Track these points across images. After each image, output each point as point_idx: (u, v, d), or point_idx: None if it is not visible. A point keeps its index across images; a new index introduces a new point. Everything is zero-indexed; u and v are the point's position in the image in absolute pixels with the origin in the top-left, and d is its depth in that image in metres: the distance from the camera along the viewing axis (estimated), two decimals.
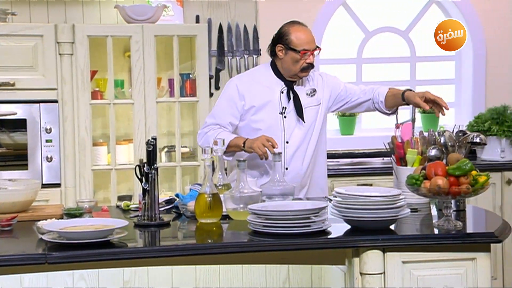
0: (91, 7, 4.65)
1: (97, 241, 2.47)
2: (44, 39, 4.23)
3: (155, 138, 2.95)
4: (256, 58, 4.99)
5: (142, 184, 2.88)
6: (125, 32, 4.40)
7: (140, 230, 2.80)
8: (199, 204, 2.85)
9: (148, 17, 4.41)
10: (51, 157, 4.30)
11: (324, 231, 2.60)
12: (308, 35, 3.45)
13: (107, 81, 4.49)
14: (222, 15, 4.92)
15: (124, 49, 4.62)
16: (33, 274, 2.59)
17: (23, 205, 3.07)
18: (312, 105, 3.51)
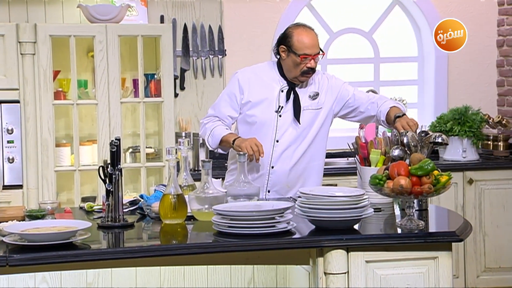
0: (54, 6, 4.60)
1: (59, 243, 2.45)
2: (5, 38, 4.17)
3: (119, 139, 2.93)
4: (221, 59, 4.99)
5: (106, 185, 2.86)
6: (89, 32, 4.36)
7: (104, 231, 2.78)
8: (163, 205, 2.84)
9: (112, 17, 4.37)
10: (12, 158, 4.24)
11: (289, 231, 2.61)
12: (311, 40, 3.41)
13: (70, 81, 4.45)
14: (187, 15, 4.91)
15: (88, 49, 4.58)
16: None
17: None
18: (312, 108, 3.49)
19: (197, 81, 5.00)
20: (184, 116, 4.92)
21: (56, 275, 2.68)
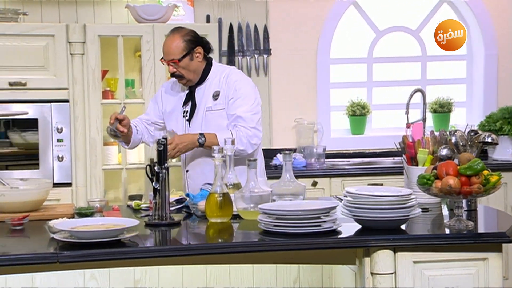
0: (102, 7, 4.66)
1: (108, 241, 2.47)
2: (56, 39, 4.24)
3: (166, 137, 2.96)
4: (267, 58, 4.99)
5: (153, 184, 2.88)
6: (136, 32, 4.41)
7: (151, 229, 2.80)
8: (209, 203, 2.85)
9: (159, 17, 4.41)
10: (62, 157, 4.31)
11: (335, 231, 2.59)
12: (165, 45, 3.46)
13: (118, 81, 4.50)
14: (232, 14, 4.93)
15: (135, 48, 4.63)
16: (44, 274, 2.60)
17: (34, 205, 3.08)
18: (216, 109, 3.49)
19: None
20: None
21: (105, 272, 2.72)
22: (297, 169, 4.58)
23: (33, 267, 2.42)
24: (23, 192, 3.06)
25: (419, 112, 3.98)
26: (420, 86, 5.12)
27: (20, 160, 4.34)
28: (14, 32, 4.16)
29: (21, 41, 4.18)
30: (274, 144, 5.06)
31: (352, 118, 5.27)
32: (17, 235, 2.75)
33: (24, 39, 4.19)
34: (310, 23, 5.06)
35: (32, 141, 4.31)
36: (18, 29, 4.18)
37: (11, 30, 4.15)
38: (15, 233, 2.76)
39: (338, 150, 5.15)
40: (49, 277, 2.61)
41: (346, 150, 5.15)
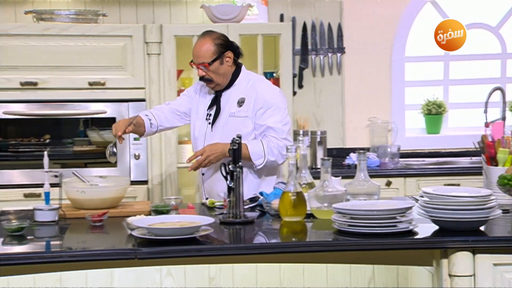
0: (178, 7, 4.73)
1: (184, 238, 2.51)
2: (133, 39, 4.33)
3: (240, 136, 2.98)
4: (340, 56, 4.95)
5: (227, 182, 2.91)
6: None
7: (225, 227, 2.83)
8: (283, 202, 2.86)
9: (233, 17, 4.44)
10: (138, 155, 4.40)
11: (411, 232, 2.55)
12: (195, 48, 3.42)
13: (192, 80, 4.55)
14: (306, 13, 4.92)
15: None
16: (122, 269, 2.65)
17: (112, 202, 3.15)
18: (239, 116, 3.44)
19: (315, 79, 4.99)
20: (302, 114, 4.93)
21: (180, 269, 2.76)
22: (371, 168, 4.53)
23: (112, 262, 2.48)
24: (103, 189, 3.14)
25: (498, 111, 3.87)
26: (500, 84, 4.99)
27: (98, 158, 4.44)
28: (94, 33, 4.27)
29: (100, 42, 4.28)
30: (347, 143, 5.02)
31: (427, 117, 5.18)
32: (96, 231, 2.83)
33: (103, 40, 4.29)
34: (385, 21, 4.99)
35: (110, 139, 4.40)
36: (98, 30, 4.29)
37: (91, 31, 4.26)
38: (95, 229, 2.84)
39: (413, 150, 5.06)
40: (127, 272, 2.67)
41: (421, 149, 5.06)
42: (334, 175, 3.01)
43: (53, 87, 4.26)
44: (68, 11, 4.31)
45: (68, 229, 2.87)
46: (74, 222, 2.95)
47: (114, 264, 2.52)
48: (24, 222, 2.72)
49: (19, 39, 4.19)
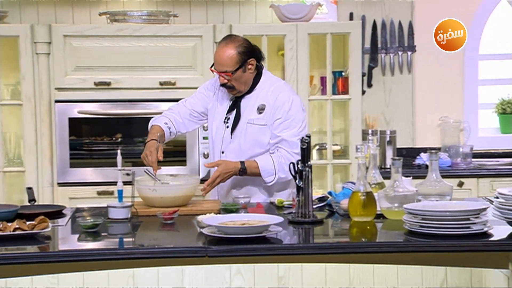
0: (248, 7, 4.75)
1: (253, 236, 2.52)
2: (203, 39, 4.37)
3: (309, 136, 2.97)
4: (411, 55, 4.88)
5: (296, 182, 2.90)
6: (279, 31, 4.46)
7: (294, 227, 2.83)
8: (352, 202, 2.83)
9: (303, 16, 4.44)
10: (207, 154, 4.43)
11: (485, 233, 2.49)
12: (218, 56, 3.32)
13: None
14: (376, 11, 4.86)
15: (278, 47, 4.68)
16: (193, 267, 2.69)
17: (183, 200, 3.19)
18: (258, 123, 3.38)
19: (384, 78, 4.94)
20: (371, 114, 4.88)
21: (250, 268, 2.77)
22: (442, 168, 4.43)
23: (183, 260, 2.51)
24: (174, 188, 3.18)
25: None
26: None
27: (168, 157, 4.48)
28: (165, 34, 4.33)
29: (171, 42, 4.34)
30: (417, 143, 4.94)
31: (502, 116, 5.05)
32: (167, 229, 2.87)
33: (174, 40, 4.36)
34: (458, 18, 4.88)
35: (179, 138, 4.45)
36: (169, 30, 4.35)
37: (162, 32, 4.33)
38: (166, 227, 2.88)
39: (486, 150, 4.94)
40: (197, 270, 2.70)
41: (495, 149, 4.94)
42: (404, 175, 2.96)
43: (125, 87, 4.35)
44: (141, 12, 4.39)
45: (140, 226, 2.92)
46: (145, 220, 3.00)
47: (184, 261, 2.55)
48: (99, 219, 2.78)
49: (93, 40, 4.29)
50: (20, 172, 4.35)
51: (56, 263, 2.46)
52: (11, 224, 2.64)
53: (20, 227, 2.61)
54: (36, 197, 3.27)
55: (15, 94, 4.39)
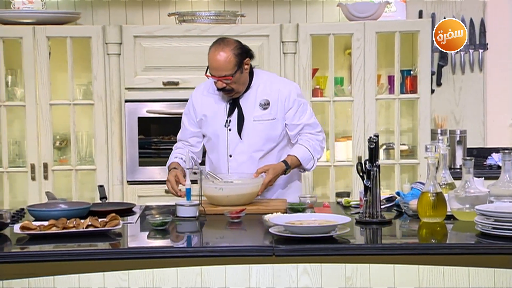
0: (314, 6, 4.74)
1: (320, 236, 2.52)
2: (270, 39, 4.38)
3: (377, 135, 2.94)
4: (482, 53, 4.77)
5: (364, 181, 2.88)
6: (347, 30, 4.43)
7: (362, 227, 2.81)
8: (422, 203, 2.80)
9: (371, 14, 4.40)
10: None
11: None
12: (214, 62, 3.28)
13: (327, 79, 4.56)
14: (446, 9, 4.77)
15: (345, 46, 4.65)
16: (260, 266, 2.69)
17: (248, 198, 3.21)
18: (266, 119, 3.37)
19: (454, 77, 4.84)
20: (439, 113, 4.79)
21: (317, 268, 2.75)
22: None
23: (250, 258, 2.53)
24: (240, 186, 3.20)
25: None
26: None
27: None
28: (232, 33, 4.35)
29: None
30: (488, 143, 4.83)
31: None
32: (235, 227, 2.89)
33: (241, 40, 4.33)
34: None
35: None
36: (236, 30, 4.38)
37: (230, 32, 4.35)
38: (233, 226, 2.90)
39: None
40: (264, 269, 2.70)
41: None
42: (475, 176, 2.90)
43: (193, 86, 4.34)
44: (208, 12, 4.44)
45: (207, 225, 2.95)
46: (212, 218, 3.03)
47: (252, 260, 2.56)
48: (167, 217, 2.83)
49: (162, 40, 4.36)
50: (91, 170, 4.46)
51: (126, 259, 2.51)
52: (84, 221, 2.71)
53: (93, 224, 2.68)
54: (106, 195, 3.34)
55: (87, 94, 4.50)
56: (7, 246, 2.57)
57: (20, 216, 3.02)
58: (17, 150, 4.50)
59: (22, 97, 4.39)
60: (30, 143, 4.37)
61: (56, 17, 4.39)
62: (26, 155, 4.41)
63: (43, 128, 4.36)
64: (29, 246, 2.56)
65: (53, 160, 4.42)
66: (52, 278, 2.59)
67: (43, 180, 4.37)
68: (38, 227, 2.64)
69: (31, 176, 4.36)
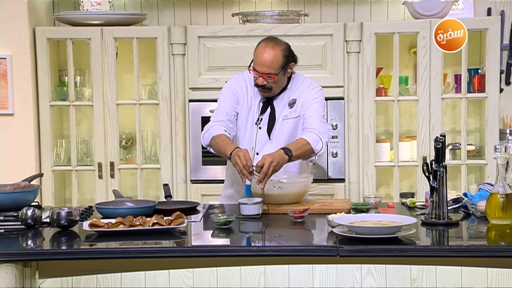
0: (379, 5, 4.69)
1: (385, 237, 2.49)
2: (333, 38, 4.36)
3: (444, 135, 2.89)
4: None
5: (430, 182, 2.83)
6: (412, 28, 4.37)
7: (428, 228, 2.76)
8: (490, 204, 2.73)
9: (437, 12, 4.33)
10: (336, 153, 4.42)
11: None
12: (263, 58, 3.27)
13: (392, 78, 4.50)
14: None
15: (410, 45, 4.59)
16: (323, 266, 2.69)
17: (302, 196, 3.23)
18: (291, 117, 3.40)
19: None
20: (508, 112, 4.67)
21: (381, 268, 2.74)
22: None
23: (314, 259, 2.52)
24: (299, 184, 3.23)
25: None
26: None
27: None
28: (296, 33, 4.36)
29: (301, 41, 4.36)
30: None
31: None
32: (298, 227, 2.89)
33: (304, 39, 4.37)
34: None
35: None
36: (299, 30, 4.37)
37: (293, 31, 4.35)
38: (296, 225, 2.90)
39: None
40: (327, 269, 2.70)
41: None
42: None
43: None
44: (272, 12, 4.45)
45: (270, 224, 2.95)
46: (275, 218, 3.03)
47: (315, 260, 2.56)
48: (231, 216, 2.84)
49: (226, 40, 4.39)
50: (156, 169, 4.52)
51: (191, 258, 2.53)
52: (150, 219, 2.75)
53: (158, 222, 2.71)
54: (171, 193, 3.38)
55: (152, 94, 4.57)
56: (76, 243, 2.64)
57: (89, 213, 3.09)
58: (85, 149, 4.61)
59: (90, 97, 4.49)
60: (97, 142, 4.47)
61: (123, 19, 4.47)
62: (93, 154, 4.51)
63: (110, 127, 4.45)
64: (96, 243, 2.61)
65: (119, 158, 4.50)
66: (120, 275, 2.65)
67: (110, 178, 4.46)
68: (106, 224, 2.70)
69: (98, 175, 4.46)
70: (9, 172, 4.27)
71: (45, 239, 2.69)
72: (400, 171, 4.48)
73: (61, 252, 2.52)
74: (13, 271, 2.43)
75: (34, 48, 4.40)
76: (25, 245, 2.64)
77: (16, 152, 4.37)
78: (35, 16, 4.44)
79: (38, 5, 4.51)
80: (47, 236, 2.71)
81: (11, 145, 4.38)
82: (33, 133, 4.40)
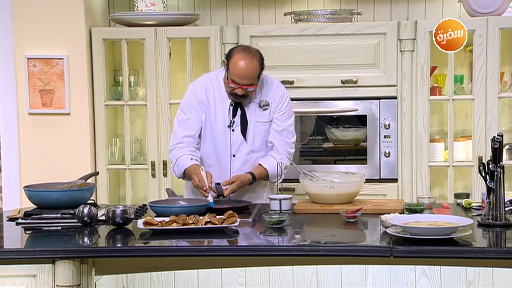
0: (434, 2, 4.62)
1: (440, 238, 2.46)
2: (387, 36, 4.31)
3: (502, 135, 2.84)
4: None
5: (487, 183, 2.78)
6: (468, 26, 4.25)
7: (484, 229, 2.72)
8: None
9: (494, 10, 4.24)
10: (388, 153, 4.38)
11: None
12: (244, 71, 3.30)
13: (446, 77, 4.43)
14: None
15: (466, 43, 4.50)
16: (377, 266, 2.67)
17: (354, 196, 3.21)
18: (264, 120, 3.47)
19: None
20: None
21: (436, 270, 2.70)
22: None
23: (367, 259, 2.50)
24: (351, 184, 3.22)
25: None
26: None
27: (348, 155, 4.51)
28: (348, 32, 4.33)
29: (354, 40, 4.33)
30: None
31: None
32: (351, 227, 2.87)
33: (357, 38, 4.34)
34: None
35: (360, 137, 4.45)
36: (352, 28, 4.34)
37: (346, 30, 4.33)
38: (349, 225, 2.88)
39: None
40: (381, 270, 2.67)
41: None
42: None
43: (307, 85, 4.41)
44: (324, 11, 4.43)
45: (322, 224, 2.94)
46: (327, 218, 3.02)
47: (369, 261, 2.54)
48: (283, 216, 2.84)
49: (278, 40, 4.39)
50: None
51: (243, 256, 2.54)
52: (203, 218, 2.77)
53: (211, 221, 2.73)
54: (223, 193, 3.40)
55: None
56: (131, 241, 2.67)
57: (143, 211, 3.13)
58: (138, 148, 4.66)
59: (144, 96, 4.55)
60: (150, 141, 4.52)
61: (177, 19, 4.51)
62: (147, 153, 4.57)
63: (163, 126, 4.49)
64: (150, 241, 2.65)
65: None
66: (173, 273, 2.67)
67: (162, 177, 4.51)
68: (159, 222, 2.73)
69: (151, 173, 4.51)
70: (65, 170, 4.36)
71: (101, 236, 2.73)
72: (454, 171, 4.41)
73: (116, 249, 2.56)
74: (71, 268, 2.48)
75: (90, 48, 4.48)
76: (81, 242, 2.69)
77: (72, 151, 4.46)
78: (91, 17, 4.51)
79: (94, 6, 4.59)
80: (102, 233, 2.76)
81: (67, 144, 4.46)
82: (88, 132, 4.48)
